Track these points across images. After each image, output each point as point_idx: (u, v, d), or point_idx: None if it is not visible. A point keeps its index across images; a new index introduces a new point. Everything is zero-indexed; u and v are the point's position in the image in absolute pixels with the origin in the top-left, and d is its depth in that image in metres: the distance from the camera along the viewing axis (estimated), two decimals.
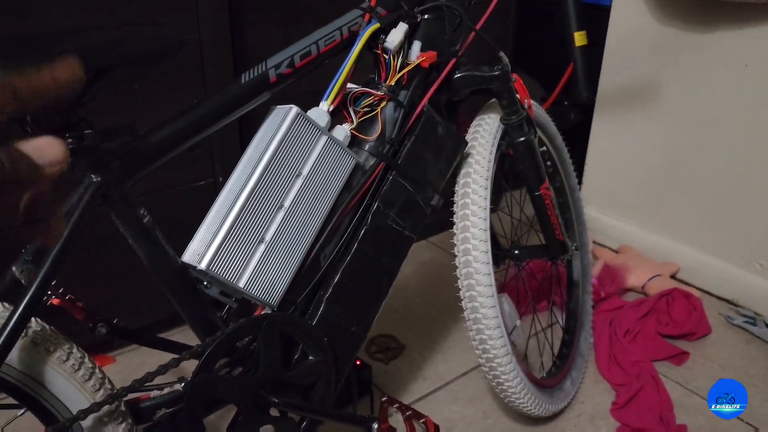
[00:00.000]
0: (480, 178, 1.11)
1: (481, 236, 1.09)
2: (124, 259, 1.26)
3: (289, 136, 0.87)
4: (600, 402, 1.38)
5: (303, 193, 0.89)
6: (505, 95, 1.14)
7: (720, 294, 1.75)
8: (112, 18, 1.21)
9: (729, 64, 1.58)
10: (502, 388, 1.16)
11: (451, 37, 1.09)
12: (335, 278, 0.95)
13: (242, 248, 0.84)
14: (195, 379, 0.80)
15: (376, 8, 0.98)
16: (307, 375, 0.92)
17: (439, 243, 2.02)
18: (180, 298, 0.86)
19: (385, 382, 1.42)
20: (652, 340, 1.54)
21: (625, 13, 1.77)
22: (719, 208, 1.70)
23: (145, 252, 0.82)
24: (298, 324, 0.91)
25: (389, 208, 1.00)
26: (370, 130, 0.99)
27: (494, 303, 1.09)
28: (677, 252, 1.83)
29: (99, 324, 0.86)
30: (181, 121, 0.83)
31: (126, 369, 1.41)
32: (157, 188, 1.37)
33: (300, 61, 0.92)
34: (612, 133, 1.91)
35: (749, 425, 1.31)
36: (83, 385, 0.76)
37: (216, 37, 1.33)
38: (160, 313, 1.47)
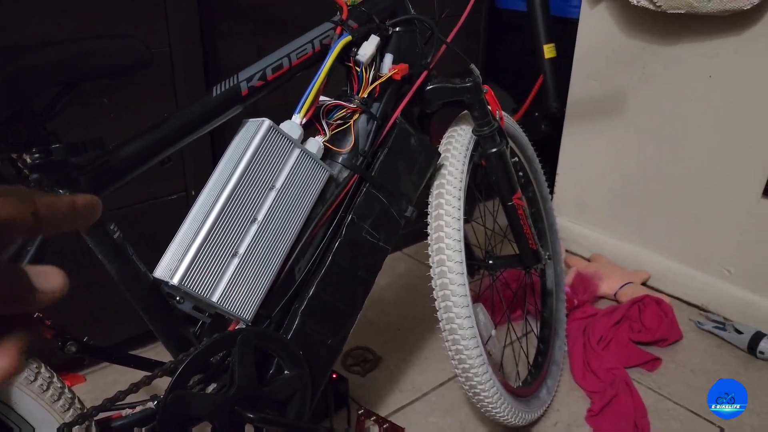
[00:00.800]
0: (453, 189, 1.12)
1: (456, 247, 1.09)
2: (94, 276, 1.24)
3: (262, 149, 0.87)
4: (575, 410, 1.39)
5: (276, 206, 0.89)
6: (476, 107, 1.15)
7: (690, 300, 1.78)
8: (81, 30, 1.19)
9: (694, 75, 1.62)
10: (478, 398, 1.16)
11: (423, 50, 1.10)
12: (310, 291, 0.95)
13: (215, 262, 0.83)
14: (168, 397, 0.79)
15: (348, 21, 0.99)
16: (283, 390, 0.91)
17: (414, 254, 2.02)
18: (152, 315, 0.85)
19: (362, 394, 1.41)
20: (625, 347, 1.56)
21: (593, 26, 1.81)
22: (687, 216, 1.74)
23: (115, 268, 0.81)
24: (273, 338, 0.91)
25: (363, 220, 1.00)
26: (343, 142, 0.99)
27: (469, 313, 1.09)
28: (648, 260, 1.86)
29: (68, 342, 0.84)
30: (152, 135, 0.82)
31: (97, 388, 1.38)
32: (128, 203, 1.36)
33: (272, 74, 0.92)
34: (582, 143, 1.94)
35: (722, 429, 1.33)
36: (52, 406, 0.74)
37: (187, 50, 1.32)
38: (131, 330, 1.45)
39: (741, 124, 1.56)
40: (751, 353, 1.55)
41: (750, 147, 1.56)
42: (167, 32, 1.29)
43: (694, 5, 1.48)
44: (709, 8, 1.46)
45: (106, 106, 1.27)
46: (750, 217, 1.60)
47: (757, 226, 1.59)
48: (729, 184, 1.62)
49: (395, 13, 1.07)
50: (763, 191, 1.56)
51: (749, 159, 1.57)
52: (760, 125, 1.52)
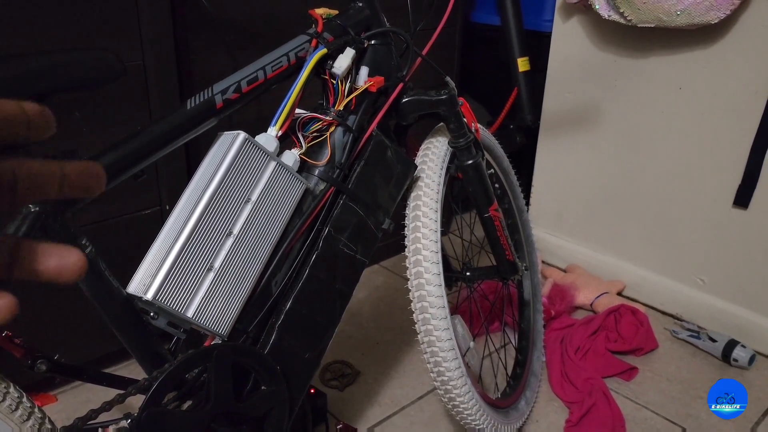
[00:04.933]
0: (430, 201, 1.12)
1: (433, 259, 1.09)
2: (64, 292, 1.22)
3: (237, 162, 0.86)
4: (554, 420, 1.39)
5: (252, 220, 0.88)
6: (452, 119, 1.16)
7: (665, 309, 1.80)
8: (53, 44, 1.18)
9: (664, 88, 1.65)
10: (458, 410, 1.15)
11: (398, 63, 1.10)
12: (287, 305, 0.94)
13: (190, 277, 0.82)
14: (142, 415, 0.77)
15: (323, 34, 0.99)
16: (261, 405, 0.90)
17: (392, 267, 2.02)
18: (125, 331, 0.84)
19: (341, 409, 1.40)
20: (602, 356, 1.57)
21: (566, 39, 1.84)
22: (661, 227, 1.76)
23: (87, 284, 0.79)
24: (250, 353, 0.89)
25: (340, 232, 1.00)
26: (319, 155, 0.99)
27: (447, 325, 1.09)
28: (623, 270, 1.88)
29: (38, 360, 0.82)
30: (125, 148, 0.81)
31: (69, 407, 1.35)
32: (100, 218, 1.33)
33: (247, 86, 0.91)
34: (557, 155, 1.97)
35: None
36: (21, 426, 0.72)
37: (161, 63, 1.31)
38: (103, 348, 1.42)
39: (711, 134, 1.59)
40: (725, 361, 1.57)
41: (720, 157, 1.59)
42: (140, 45, 1.28)
43: (663, 19, 1.51)
44: (678, 22, 1.49)
45: (78, 119, 1.25)
46: (721, 227, 1.63)
47: (728, 235, 1.62)
48: (700, 194, 1.65)
49: (370, 26, 1.07)
50: (733, 200, 1.59)
51: (720, 169, 1.60)
52: (730, 136, 1.56)
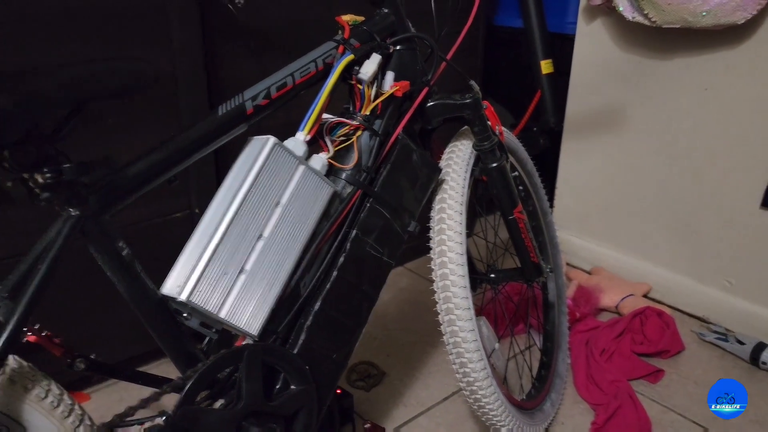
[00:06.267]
0: (455, 203, 1.13)
1: (459, 260, 1.10)
2: (98, 293, 1.25)
3: (267, 167, 0.88)
4: (579, 422, 1.39)
5: (282, 223, 0.90)
6: (476, 122, 1.17)
7: (691, 312, 1.79)
8: (87, 54, 1.21)
9: (690, 89, 1.64)
10: (483, 411, 1.16)
11: (423, 67, 1.12)
12: (315, 306, 0.96)
13: (222, 278, 0.84)
14: (177, 412, 0.80)
15: (350, 40, 1.01)
16: (290, 404, 0.92)
17: (416, 269, 2.03)
18: (160, 331, 0.86)
19: (367, 409, 1.41)
20: (627, 359, 1.57)
21: (589, 41, 1.83)
22: (687, 228, 1.75)
23: (124, 285, 0.82)
24: (280, 353, 0.91)
25: (367, 235, 1.01)
26: (346, 158, 1.01)
27: (473, 326, 1.10)
28: (648, 272, 1.87)
29: (77, 360, 0.85)
30: (160, 153, 0.83)
31: (102, 406, 1.38)
32: (133, 221, 1.37)
33: (276, 92, 0.93)
34: (581, 157, 1.96)
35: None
36: (62, 423, 0.75)
37: (190, 70, 1.34)
38: (135, 348, 1.46)
39: (738, 135, 1.58)
40: (754, 364, 1.56)
41: (747, 158, 1.58)
42: (171, 53, 1.31)
43: (688, 20, 1.50)
44: (703, 23, 1.49)
45: (110, 126, 1.28)
46: (749, 228, 1.61)
47: (756, 237, 1.61)
48: (727, 196, 1.64)
49: (396, 31, 1.09)
50: (761, 202, 1.57)
51: (747, 170, 1.58)
52: (757, 136, 1.54)
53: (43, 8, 1.15)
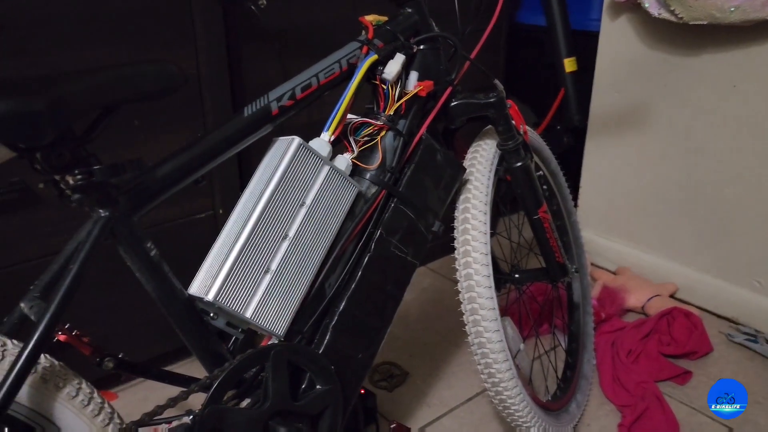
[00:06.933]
0: (479, 203, 1.13)
1: (483, 260, 1.10)
2: (123, 293, 1.27)
3: (292, 167, 0.89)
4: (606, 424, 1.38)
5: (307, 223, 0.90)
6: (501, 121, 1.16)
7: (720, 312, 1.76)
8: (114, 57, 1.23)
9: (717, 86, 1.62)
10: (508, 412, 1.15)
11: (447, 67, 1.11)
12: (340, 306, 0.96)
13: (248, 279, 0.85)
14: (204, 411, 0.80)
15: (374, 41, 1.01)
16: (316, 404, 0.92)
17: (438, 269, 2.03)
18: (187, 331, 0.87)
19: (390, 410, 1.41)
20: (654, 360, 1.54)
21: (614, 38, 1.81)
22: (714, 227, 1.72)
23: (152, 285, 0.83)
24: (306, 353, 0.92)
25: (392, 235, 1.01)
26: (370, 159, 1.01)
27: (498, 327, 1.09)
28: (674, 272, 1.84)
29: (106, 358, 0.86)
30: (187, 155, 0.84)
31: (129, 404, 1.40)
32: (156, 222, 1.38)
33: (301, 93, 0.94)
34: (605, 155, 1.94)
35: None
36: (92, 421, 0.75)
37: (214, 72, 1.35)
38: (161, 347, 1.47)
39: (766, 132, 1.55)
40: None
41: None
42: (195, 55, 1.32)
43: (716, 16, 1.48)
44: (731, 19, 1.46)
45: (136, 128, 1.30)
46: None
47: None
48: (756, 194, 1.61)
49: (419, 31, 1.09)
50: None
51: None
52: None
53: (66, 10, 1.16)
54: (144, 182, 0.81)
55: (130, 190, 0.79)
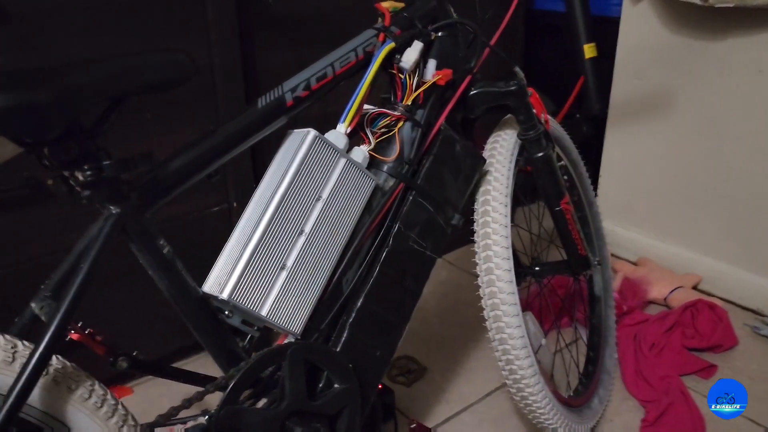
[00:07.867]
0: (500, 195, 1.09)
1: (504, 254, 1.06)
2: (135, 288, 1.25)
3: (308, 160, 0.86)
4: (629, 420, 1.34)
5: (323, 218, 0.88)
6: (521, 110, 1.13)
7: (745, 304, 1.71)
8: (124, 45, 1.21)
9: (743, 71, 1.56)
10: (530, 408, 1.13)
11: (466, 54, 1.08)
12: (358, 303, 0.93)
13: (264, 276, 0.82)
14: (220, 412, 0.78)
15: (391, 28, 0.97)
16: (334, 403, 0.90)
17: (455, 261, 2.00)
18: (201, 329, 0.85)
19: (408, 405, 1.39)
20: (678, 353, 1.51)
21: (635, 23, 1.76)
22: (738, 217, 1.67)
23: (165, 283, 0.80)
24: (323, 351, 0.89)
25: (410, 229, 0.98)
26: (388, 150, 0.98)
27: (519, 322, 1.06)
28: (697, 263, 1.80)
29: (120, 358, 0.84)
30: (200, 148, 0.81)
31: (145, 400, 1.39)
32: (169, 216, 1.36)
33: (316, 83, 0.91)
34: (626, 144, 1.89)
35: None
36: (106, 423, 0.74)
37: (227, 62, 1.33)
38: (176, 343, 1.46)
39: None
40: None
41: None
42: (208, 45, 1.30)
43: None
44: (759, 1, 1.41)
45: (148, 121, 1.28)
46: None
47: None
48: None
49: (437, 17, 1.05)
50: None
51: None
52: None
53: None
54: (156, 177, 0.78)
55: (142, 185, 0.77)
